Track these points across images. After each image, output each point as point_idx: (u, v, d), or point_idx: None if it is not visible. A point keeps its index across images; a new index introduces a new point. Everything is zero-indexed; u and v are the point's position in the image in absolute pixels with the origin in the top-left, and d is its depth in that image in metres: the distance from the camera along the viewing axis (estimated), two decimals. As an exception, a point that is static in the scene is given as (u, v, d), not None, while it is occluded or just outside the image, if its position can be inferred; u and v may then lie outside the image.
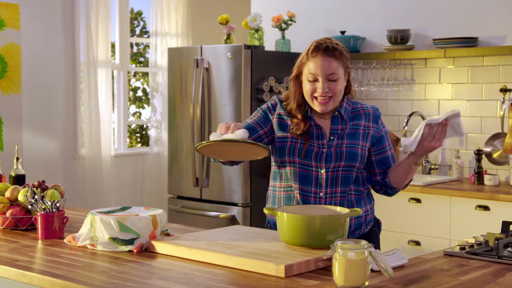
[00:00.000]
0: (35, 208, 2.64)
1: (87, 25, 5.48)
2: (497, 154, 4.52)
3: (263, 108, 2.72)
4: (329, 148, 2.61)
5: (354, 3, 5.16)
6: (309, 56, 2.59)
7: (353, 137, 2.63)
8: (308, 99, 2.62)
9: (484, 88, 4.59)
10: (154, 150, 6.04)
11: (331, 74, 2.55)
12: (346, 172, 2.62)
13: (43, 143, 5.37)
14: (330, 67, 2.55)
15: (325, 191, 2.61)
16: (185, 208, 5.11)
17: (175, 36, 6.10)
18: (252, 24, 5.05)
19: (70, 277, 2.08)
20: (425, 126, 2.50)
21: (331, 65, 2.55)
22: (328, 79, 2.55)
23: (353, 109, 2.68)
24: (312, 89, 2.58)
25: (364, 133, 2.65)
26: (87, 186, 5.54)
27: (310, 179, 2.62)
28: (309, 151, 2.61)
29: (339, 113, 2.65)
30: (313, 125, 2.64)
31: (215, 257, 2.22)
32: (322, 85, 2.55)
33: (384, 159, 2.70)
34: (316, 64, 2.55)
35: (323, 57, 2.55)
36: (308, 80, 2.58)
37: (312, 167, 2.61)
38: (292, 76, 2.66)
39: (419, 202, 4.28)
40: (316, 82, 2.57)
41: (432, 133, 2.51)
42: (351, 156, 2.61)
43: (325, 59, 2.55)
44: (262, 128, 2.68)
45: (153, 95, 6.10)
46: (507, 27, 4.47)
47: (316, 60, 2.56)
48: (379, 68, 5.00)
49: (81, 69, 5.53)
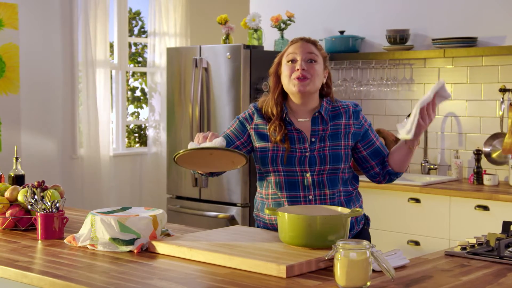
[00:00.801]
0: (35, 209, 2.63)
1: (85, 25, 5.47)
2: (496, 154, 4.52)
3: (239, 118, 2.69)
4: (312, 152, 2.58)
5: (353, 3, 5.16)
6: (288, 45, 2.64)
7: (335, 138, 2.61)
8: (286, 83, 2.59)
9: (483, 88, 4.59)
10: (152, 150, 6.03)
11: (310, 53, 2.58)
12: (331, 174, 2.60)
13: (41, 143, 5.36)
14: (309, 48, 2.59)
15: (314, 193, 2.59)
16: (184, 208, 5.10)
17: (173, 36, 6.09)
18: (251, 24, 5.05)
19: (71, 277, 2.07)
20: (419, 109, 2.48)
21: (310, 48, 2.59)
22: (307, 59, 2.56)
23: (333, 108, 2.66)
24: (291, 69, 2.57)
25: (345, 132, 2.63)
26: (86, 186, 5.53)
27: (297, 185, 2.60)
28: (292, 157, 2.58)
29: (319, 114, 2.62)
30: (293, 129, 2.61)
31: (216, 257, 2.22)
32: (302, 62, 2.56)
33: (376, 150, 2.68)
34: (295, 46, 2.60)
35: (303, 42, 2.61)
36: (287, 62, 2.59)
37: (297, 172, 2.59)
38: (273, 69, 2.65)
39: (418, 202, 4.28)
40: (295, 63, 2.57)
41: (425, 112, 2.48)
42: (335, 158, 2.59)
43: (304, 43, 2.60)
44: (238, 139, 2.65)
45: (151, 95, 6.09)
46: (506, 27, 4.47)
47: (296, 44, 2.61)
48: (378, 68, 5.00)
49: (80, 69, 5.52)
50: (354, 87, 5.10)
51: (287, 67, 2.59)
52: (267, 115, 2.64)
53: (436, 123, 4.79)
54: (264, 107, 2.66)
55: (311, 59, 2.57)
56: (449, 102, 4.74)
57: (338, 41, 5.05)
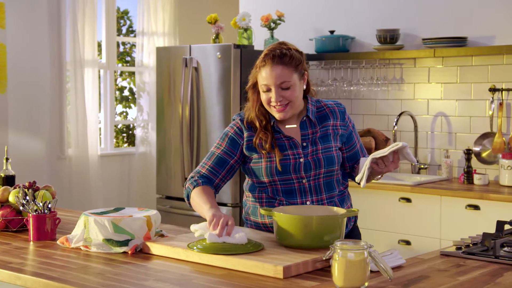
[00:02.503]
0: (27, 209, 2.60)
1: (73, 24, 5.43)
2: (486, 153, 4.53)
3: (228, 134, 2.62)
4: (306, 157, 2.55)
5: (343, 3, 5.15)
6: (259, 65, 2.53)
7: (326, 140, 2.59)
8: (266, 107, 2.56)
9: (473, 88, 4.60)
10: (140, 150, 6.00)
11: (283, 83, 2.49)
12: (327, 177, 2.58)
13: (29, 143, 5.31)
14: (280, 76, 2.48)
15: (311, 199, 2.57)
16: (174, 208, 5.07)
17: (162, 36, 6.06)
18: (241, 24, 5.03)
19: (65, 279, 2.05)
20: (371, 161, 2.47)
21: (282, 73, 2.48)
22: (281, 87, 2.49)
23: (318, 109, 2.64)
24: (267, 99, 2.52)
25: (334, 134, 2.62)
26: (74, 186, 5.49)
27: (294, 192, 2.57)
28: (287, 165, 2.54)
29: (307, 117, 2.60)
30: (282, 137, 2.58)
31: (212, 258, 2.20)
32: (275, 95, 2.48)
33: (354, 154, 2.69)
34: (266, 73, 2.49)
35: (272, 66, 2.48)
36: (263, 91, 2.53)
37: (293, 180, 2.56)
38: (249, 86, 2.61)
39: (409, 202, 4.28)
40: (270, 92, 2.51)
41: (381, 162, 2.47)
42: (329, 161, 2.57)
43: (274, 68, 2.48)
44: (232, 157, 2.60)
45: (139, 94, 6.06)
46: (496, 27, 4.48)
47: (266, 70, 2.49)
48: (368, 67, 5.00)
49: (67, 68, 5.47)
50: (344, 86, 5.09)
51: (263, 94, 2.53)
52: (253, 125, 2.61)
53: (426, 123, 4.80)
54: (247, 117, 2.62)
55: (285, 87, 2.51)
56: (439, 102, 4.75)
57: (328, 40, 5.04)
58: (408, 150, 2.46)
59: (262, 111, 2.58)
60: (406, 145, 2.45)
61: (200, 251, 2.23)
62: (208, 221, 2.34)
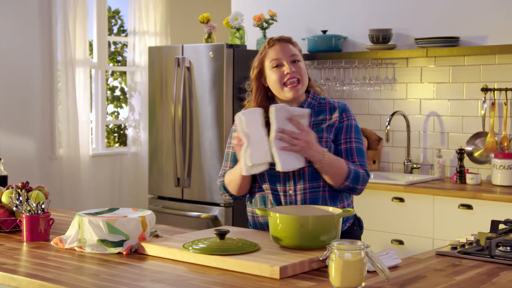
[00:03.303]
0: (20, 210, 2.58)
1: (64, 23, 5.40)
2: (478, 153, 4.55)
3: (233, 130, 2.68)
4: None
5: (335, 3, 5.15)
6: (266, 48, 2.63)
7: (318, 131, 2.60)
8: (277, 89, 2.59)
9: (465, 88, 4.61)
10: (132, 150, 5.98)
11: (293, 55, 2.60)
12: (313, 167, 2.56)
13: (20, 143, 5.28)
14: (291, 50, 2.61)
15: (294, 188, 2.59)
16: (166, 208, 5.05)
17: (153, 35, 6.04)
18: (233, 23, 5.01)
19: (60, 280, 2.03)
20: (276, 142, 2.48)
21: (291, 48, 2.62)
22: (292, 61, 2.59)
23: (320, 104, 2.67)
24: (280, 74, 2.58)
25: (328, 126, 2.63)
26: (65, 187, 5.46)
27: (278, 178, 2.60)
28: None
29: (302, 107, 2.63)
30: None
31: (208, 258, 2.18)
32: (289, 65, 2.58)
33: (337, 152, 2.63)
34: (276, 50, 2.60)
35: (280, 44, 2.62)
36: (273, 67, 2.59)
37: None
38: (254, 75, 2.65)
39: (402, 202, 4.28)
40: (282, 67, 2.59)
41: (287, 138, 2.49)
42: None
43: (283, 45, 2.61)
44: None
45: (131, 94, 6.03)
46: (488, 27, 4.49)
47: (275, 48, 2.61)
48: (361, 67, 5.00)
49: (58, 68, 5.45)
50: (336, 86, 5.09)
51: (274, 73, 2.59)
52: None
53: (418, 123, 4.81)
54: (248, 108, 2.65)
55: (295, 60, 2.60)
56: (432, 102, 4.75)
57: (320, 40, 5.04)
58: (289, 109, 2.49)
59: (264, 102, 2.63)
60: (283, 106, 2.50)
61: (196, 251, 2.22)
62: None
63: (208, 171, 4.81)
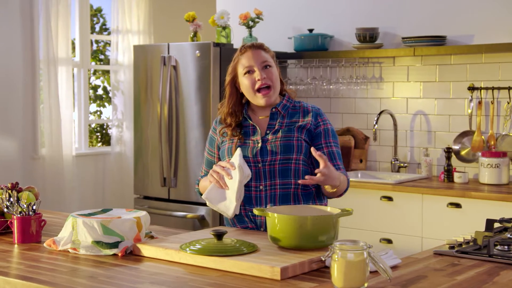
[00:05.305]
0: (11, 211, 2.52)
1: (46, 21, 5.33)
2: (465, 151, 4.56)
3: (209, 136, 2.81)
4: (264, 143, 2.65)
5: (322, 1, 5.13)
6: (239, 55, 2.69)
7: (289, 131, 2.66)
8: (250, 95, 2.67)
9: (452, 87, 4.62)
10: (115, 150, 5.92)
11: (264, 61, 2.65)
12: (283, 164, 2.62)
13: (1, 143, 5.19)
14: (261, 56, 2.66)
15: (265, 183, 2.63)
16: (152, 208, 5.00)
17: (136, 33, 5.99)
18: (219, 22, 4.97)
19: (56, 282, 1.98)
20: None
21: (262, 55, 2.67)
22: (263, 67, 2.64)
23: (294, 107, 2.73)
24: (251, 81, 2.64)
25: (300, 127, 2.67)
26: (48, 187, 5.39)
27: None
28: (245, 148, 2.65)
29: (276, 109, 2.70)
30: (249, 125, 2.70)
31: (206, 260, 2.15)
32: (260, 72, 2.63)
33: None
34: (248, 57, 2.66)
35: (252, 50, 2.67)
36: (245, 74, 2.65)
37: (250, 163, 2.63)
38: (228, 81, 2.72)
39: (390, 200, 4.27)
40: (253, 73, 2.64)
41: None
42: (286, 148, 2.63)
43: (255, 51, 2.67)
44: (214, 156, 2.78)
45: (114, 93, 5.97)
46: (475, 26, 4.50)
47: (247, 54, 2.67)
48: (348, 66, 4.99)
49: (41, 66, 5.37)
50: (323, 85, 5.07)
51: (246, 79, 2.65)
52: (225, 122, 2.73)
53: (405, 121, 4.81)
54: (221, 114, 2.75)
55: (266, 65, 2.66)
56: (418, 101, 4.76)
57: (307, 39, 5.02)
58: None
59: (236, 109, 2.71)
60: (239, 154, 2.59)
61: (193, 252, 2.18)
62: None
63: (195, 170, 4.77)
